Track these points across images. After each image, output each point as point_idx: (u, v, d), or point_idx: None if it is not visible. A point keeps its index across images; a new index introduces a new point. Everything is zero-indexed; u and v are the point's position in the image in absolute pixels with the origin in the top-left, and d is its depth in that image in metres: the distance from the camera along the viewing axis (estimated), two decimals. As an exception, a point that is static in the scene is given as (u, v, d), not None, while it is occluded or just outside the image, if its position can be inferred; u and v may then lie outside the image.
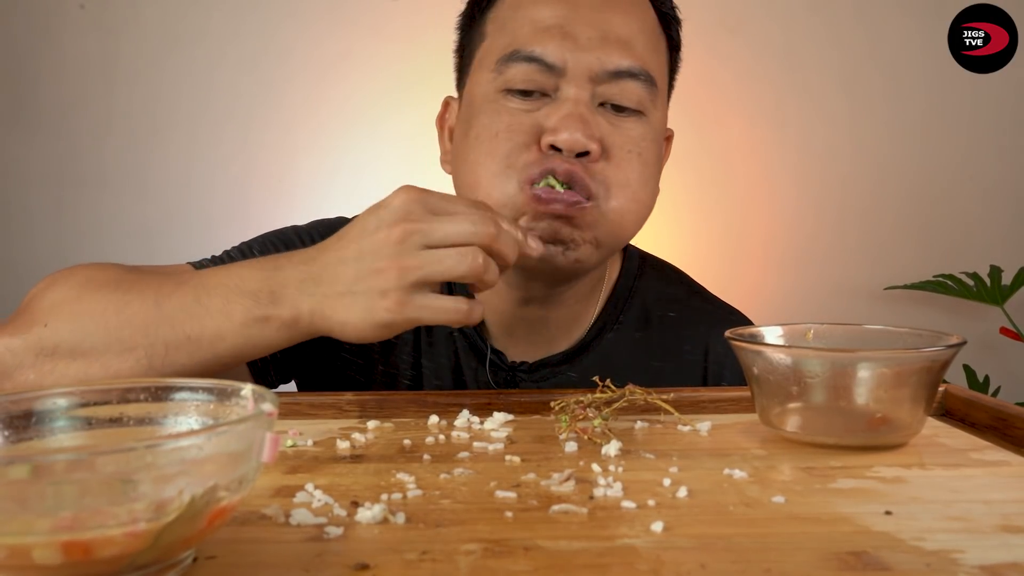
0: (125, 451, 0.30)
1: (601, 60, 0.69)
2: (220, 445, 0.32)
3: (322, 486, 0.45)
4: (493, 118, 0.70)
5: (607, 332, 0.79)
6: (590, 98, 0.69)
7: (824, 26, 1.98)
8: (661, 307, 0.82)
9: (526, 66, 0.69)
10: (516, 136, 0.69)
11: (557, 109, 0.68)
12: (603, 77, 0.69)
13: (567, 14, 0.69)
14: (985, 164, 2.01)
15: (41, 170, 1.95)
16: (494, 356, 0.78)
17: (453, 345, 0.80)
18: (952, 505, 0.43)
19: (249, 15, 1.95)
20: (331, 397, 0.66)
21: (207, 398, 0.42)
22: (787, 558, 0.36)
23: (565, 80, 0.69)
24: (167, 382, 0.42)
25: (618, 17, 0.71)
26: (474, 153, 0.70)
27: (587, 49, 0.68)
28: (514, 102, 0.70)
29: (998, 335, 1.90)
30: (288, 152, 1.95)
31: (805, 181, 2.00)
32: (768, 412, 0.56)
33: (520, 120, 0.69)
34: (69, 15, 1.92)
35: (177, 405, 0.42)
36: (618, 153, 0.70)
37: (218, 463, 0.33)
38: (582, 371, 0.77)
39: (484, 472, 0.49)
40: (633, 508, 0.42)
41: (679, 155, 0.91)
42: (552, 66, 0.69)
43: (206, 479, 0.32)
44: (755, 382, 0.56)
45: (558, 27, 0.69)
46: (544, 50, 0.68)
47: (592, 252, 0.71)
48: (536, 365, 0.79)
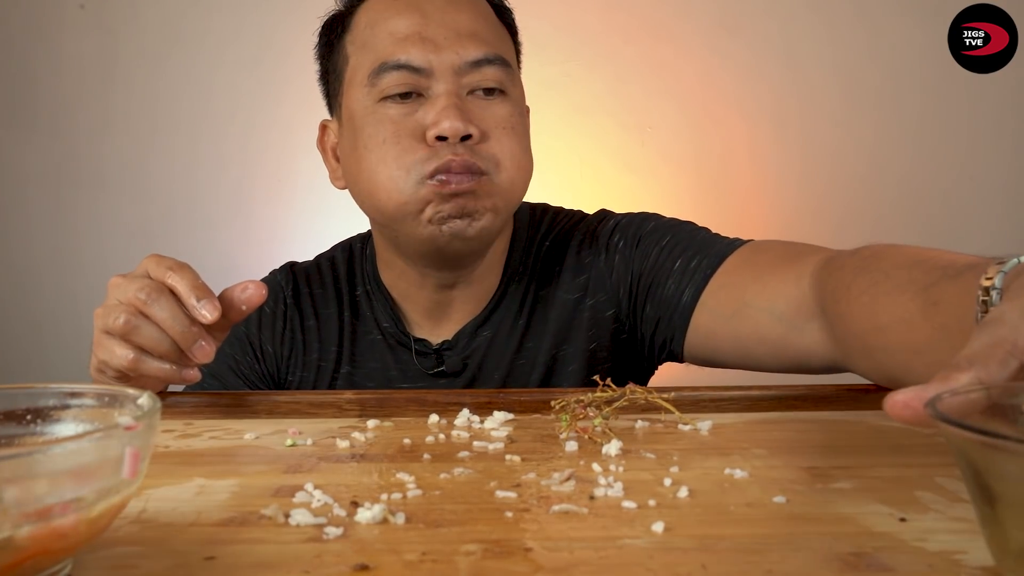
0: None
1: (460, 55, 0.77)
2: (59, 461, 0.30)
3: (322, 486, 0.45)
4: (377, 127, 0.76)
5: (511, 285, 0.87)
6: (458, 89, 0.77)
7: (824, 26, 1.98)
8: (551, 252, 0.89)
9: (396, 73, 0.76)
10: (403, 139, 0.75)
11: (434, 105, 0.75)
12: (465, 69, 0.77)
13: (420, 21, 0.77)
14: (985, 164, 2.01)
15: (40, 170, 1.95)
16: (418, 345, 0.85)
17: (380, 347, 0.87)
18: (954, 506, 0.43)
19: (249, 15, 1.95)
20: (331, 396, 0.66)
21: (90, 404, 0.39)
22: (788, 559, 0.36)
23: (434, 79, 0.76)
24: (43, 387, 0.40)
25: (464, 15, 0.79)
26: (366, 162, 0.77)
27: (446, 47, 0.76)
28: (393, 108, 0.77)
29: (998, 335, 1.89)
30: (288, 152, 1.95)
31: (805, 181, 2.00)
32: None
33: (402, 123, 0.76)
34: (69, 15, 1.92)
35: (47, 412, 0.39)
36: (495, 132, 0.77)
37: (55, 480, 0.30)
38: (495, 326, 0.85)
39: (484, 472, 0.49)
40: (634, 508, 0.42)
41: (679, 155, 0.93)
42: (419, 69, 0.76)
43: (37, 499, 0.30)
44: (997, 502, 0.32)
45: (416, 34, 0.77)
46: (409, 56, 0.76)
47: (493, 219, 0.78)
48: (456, 337, 0.85)
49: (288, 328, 0.88)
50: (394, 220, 0.78)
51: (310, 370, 0.87)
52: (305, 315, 0.88)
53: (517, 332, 0.85)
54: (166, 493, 0.46)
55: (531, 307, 0.86)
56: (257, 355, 0.87)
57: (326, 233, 1.12)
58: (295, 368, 0.87)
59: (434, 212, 0.75)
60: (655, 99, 1.97)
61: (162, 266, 0.62)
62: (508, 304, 0.86)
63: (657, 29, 1.98)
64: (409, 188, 0.75)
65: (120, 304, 0.62)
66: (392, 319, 0.86)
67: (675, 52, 1.98)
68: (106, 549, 0.38)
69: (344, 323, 0.88)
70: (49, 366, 1.91)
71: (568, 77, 1.96)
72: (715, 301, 0.76)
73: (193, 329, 0.62)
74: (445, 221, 0.75)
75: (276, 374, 0.88)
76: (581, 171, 1.96)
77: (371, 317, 0.88)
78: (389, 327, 0.86)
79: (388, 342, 0.86)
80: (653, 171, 1.96)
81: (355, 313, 0.88)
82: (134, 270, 0.64)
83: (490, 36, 0.80)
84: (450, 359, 0.85)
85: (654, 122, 1.97)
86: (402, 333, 0.86)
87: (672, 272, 0.80)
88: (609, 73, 1.98)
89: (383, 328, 0.87)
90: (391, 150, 0.75)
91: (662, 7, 1.98)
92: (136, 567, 0.36)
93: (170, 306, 0.61)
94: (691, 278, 0.78)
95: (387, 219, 0.79)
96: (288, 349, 0.87)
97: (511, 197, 0.80)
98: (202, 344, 0.62)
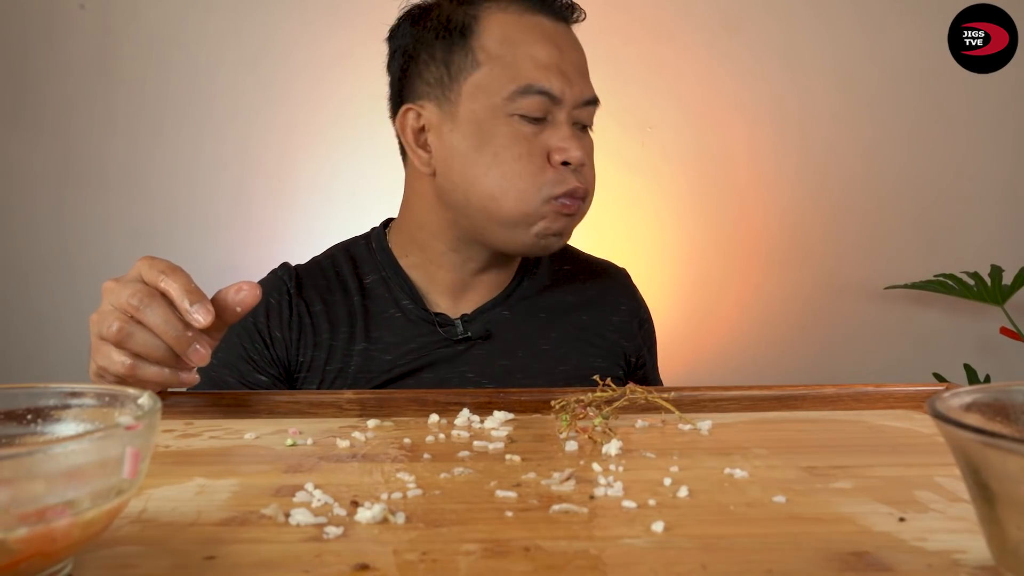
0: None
1: (583, 92, 0.88)
2: (59, 461, 0.30)
3: (322, 485, 0.45)
4: (512, 141, 0.85)
5: (525, 280, 0.99)
6: (574, 121, 0.88)
7: (824, 26, 1.98)
8: (559, 264, 1.04)
9: (538, 98, 0.85)
10: (535, 158, 0.86)
11: (558, 132, 0.86)
12: (580, 104, 0.88)
13: (558, 54, 0.87)
14: (985, 164, 2.01)
15: (42, 170, 1.94)
16: (439, 318, 0.93)
17: (399, 323, 0.93)
18: (954, 505, 0.43)
19: (249, 15, 1.94)
20: (331, 395, 0.66)
21: (91, 403, 0.39)
22: (788, 558, 0.36)
23: (560, 108, 0.86)
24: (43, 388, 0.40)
25: (582, 56, 0.90)
26: (496, 169, 0.86)
27: (574, 83, 0.87)
28: (526, 127, 0.86)
29: (998, 335, 1.89)
30: (289, 153, 1.95)
31: (805, 181, 2.00)
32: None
33: (534, 143, 0.86)
34: (69, 15, 1.92)
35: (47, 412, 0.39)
36: (588, 162, 0.90)
37: (54, 480, 0.30)
38: (512, 307, 0.97)
39: (484, 471, 0.49)
40: (634, 508, 0.42)
41: (679, 155, 0.96)
42: (555, 98, 0.86)
43: (35, 500, 0.30)
44: (996, 501, 0.33)
45: (555, 65, 0.86)
46: (551, 85, 0.85)
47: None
48: (475, 313, 0.95)
49: (295, 314, 0.92)
50: (504, 224, 0.87)
51: (321, 349, 0.91)
52: (311, 302, 0.93)
53: (536, 322, 0.96)
54: (166, 493, 0.46)
55: (555, 310, 0.98)
56: (266, 341, 0.91)
57: (326, 233, 1.13)
58: (305, 348, 0.91)
59: (544, 228, 0.87)
60: (655, 99, 1.97)
61: (154, 269, 0.62)
62: (524, 294, 0.98)
63: (657, 29, 1.98)
64: (536, 203, 0.85)
65: (114, 310, 0.62)
66: (412, 298, 0.93)
67: (675, 52, 1.98)
68: (106, 549, 0.38)
69: (354, 305, 0.93)
70: (50, 366, 1.91)
71: (568, 77, 1.95)
72: None
73: (188, 333, 0.61)
74: (547, 238, 0.87)
75: (286, 358, 0.91)
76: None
77: (388, 298, 0.93)
78: (408, 304, 0.93)
79: (408, 318, 0.92)
80: (653, 171, 1.96)
81: (366, 296, 0.94)
82: (127, 273, 0.64)
83: (589, 78, 0.91)
84: (474, 327, 0.93)
85: (654, 122, 1.97)
86: (422, 309, 0.93)
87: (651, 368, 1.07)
88: (609, 73, 1.97)
89: (402, 306, 0.93)
90: (526, 166, 0.85)
91: (662, 7, 1.98)
92: (136, 567, 0.36)
93: (163, 311, 0.61)
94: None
95: (496, 221, 0.87)
96: (296, 333, 0.91)
97: None
98: (197, 348, 0.62)
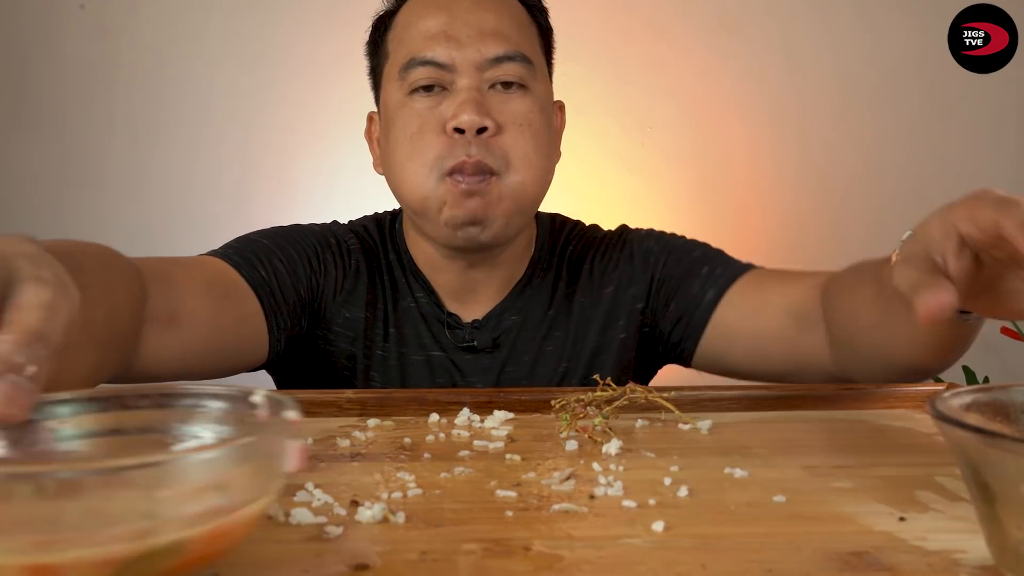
0: (140, 467, 0.28)
1: (481, 51, 0.82)
2: (242, 458, 0.30)
3: (322, 485, 0.45)
4: (406, 120, 0.82)
5: (535, 278, 0.92)
6: (479, 84, 0.82)
7: (824, 26, 1.98)
8: (576, 255, 0.95)
9: (422, 68, 0.82)
10: (427, 133, 0.81)
11: (454, 99, 0.80)
12: (486, 65, 0.82)
13: (447, 20, 0.83)
14: (985, 164, 2.01)
15: (42, 170, 1.94)
16: (451, 320, 0.89)
17: (414, 314, 0.90)
18: (954, 505, 0.43)
19: (249, 15, 1.94)
20: (331, 395, 0.66)
21: (218, 405, 0.39)
22: (788, 558, 0.36)
23: (457, 74, 0.81)
24: (172, 388, 0.39)
25: (489, 15, 0.84)
26: (397, 154, 0.83)
27: (468, 45, 0.82)
28: (420, 101, 0.82)
29: (998, 335, 1.89)
30: (289, 153, 1.95)
31: (804, 181, 2.00)
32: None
33: (427, 117, 0.81)
34: (69, 15, 1.92)
35: (183, 413, 0.39)
36: (510, 127, 0.82)
37: (240, 478, 0.30)
38: (522, 313, 0.90)
39: (484, 471, 0.49)
40: (634, 507, 0.42)
41: (679, 155, 0.95)
42: (444, 65, 0.81)
43: (231, 495, 0.30)
44: (996, 500, 0.33)
45: (442, 32, 0.82)
46: (435, 53, 0.81)
47: (504, 225, 0.82)
48: (485, 319, 0.90)
49: (349, 279, 0.88)
50: (417, 213, 0.83)
51: (358, 307, 0.87)
52: (360, 262, 0.90)
53: (546, 322, 0.90)
54: (166, 492, 0.46)
55: (561, 302, 0.91)
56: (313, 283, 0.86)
57: (326, 233, 1.12)
58: (351, 306, 0.87)
59: (450, 215, 0.80)
60: (655, 99, 1.97)
61: None
62: (535, 295, 0.91)
63: (657, 29, 1.98)
64: (430, 184, 0.80)
65: None
66: (425, 291, 0.90)
67: (675, 52, 1.98)
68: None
69: (384, 284, 0.90)
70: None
71: (568, 77, 1.95)
72: (740, 298, 0.84)
73: None
74: (459, 228, 0.80)
75: (319, 306, 0.87)
76: (581, 171, 1.95)
77: (405, 284, 0.91)
78: (423, 297, 0.90)
79: (422, 311, 0.90)
80: (653, 171, 1.96)
81: (391, 276, 0.91)
82: None
83: (513, 34, 0.84)
84: (481, 336, 0.88)
85: (654, 122, 1.97)
86: (435, 305, 0.90)
87: (699, 275, 0.87)
88: (609, 73, 1.98)
89: (417, 298, 0.90)
90: (417, 144, 0.81)
91: (662, 7, 1.98)
92: (137, 566, 0.36)
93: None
94: (715, 282, 0.86)
95: (414, 213, 0.84)
96: (351, 285, 0.88)
97: (523, 200, 0.83)
98: None
